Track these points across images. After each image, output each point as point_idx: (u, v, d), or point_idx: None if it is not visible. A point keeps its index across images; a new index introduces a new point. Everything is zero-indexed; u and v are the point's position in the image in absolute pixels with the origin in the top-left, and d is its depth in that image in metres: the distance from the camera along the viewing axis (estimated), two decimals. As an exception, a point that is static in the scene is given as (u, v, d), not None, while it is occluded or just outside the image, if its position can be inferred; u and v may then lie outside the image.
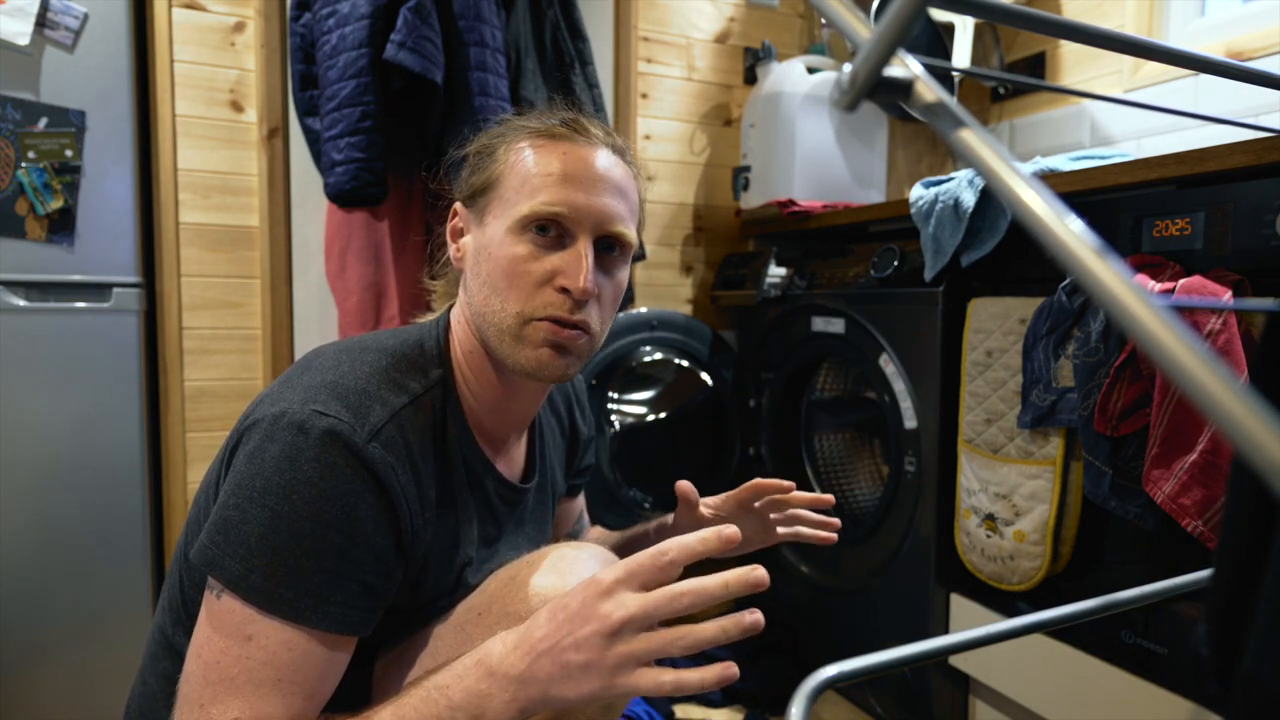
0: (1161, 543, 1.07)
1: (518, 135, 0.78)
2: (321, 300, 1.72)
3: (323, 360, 0.75)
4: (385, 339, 0.79)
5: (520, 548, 0.91)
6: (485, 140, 0.81)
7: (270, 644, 0.65)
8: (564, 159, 0.75)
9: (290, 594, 0.65)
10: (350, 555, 0.67)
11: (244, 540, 0.65)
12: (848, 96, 0.36)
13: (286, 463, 0.65)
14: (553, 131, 0.77)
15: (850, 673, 0.57)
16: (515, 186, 0.75)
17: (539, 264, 0.74)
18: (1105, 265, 0.28)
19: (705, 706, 1.66)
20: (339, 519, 0.66)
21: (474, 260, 0.78)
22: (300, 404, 0.68)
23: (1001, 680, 1.29)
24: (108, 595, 1.49)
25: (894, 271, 1.44)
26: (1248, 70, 0.61)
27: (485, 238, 0.77)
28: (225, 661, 0.65)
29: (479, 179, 0.79)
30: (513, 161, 0.77)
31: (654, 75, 2.00)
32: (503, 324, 0.75)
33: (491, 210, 0.77)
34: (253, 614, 0.65)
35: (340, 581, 0.67)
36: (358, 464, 0.67)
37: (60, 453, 1.45)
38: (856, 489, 1.79)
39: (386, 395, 0.72)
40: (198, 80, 1.61)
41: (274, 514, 0.65)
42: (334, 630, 0.67)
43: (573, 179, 0.75)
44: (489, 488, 0.83)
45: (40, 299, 1.44)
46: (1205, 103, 1.56)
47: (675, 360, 1.87)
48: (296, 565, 0.65)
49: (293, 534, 0.65)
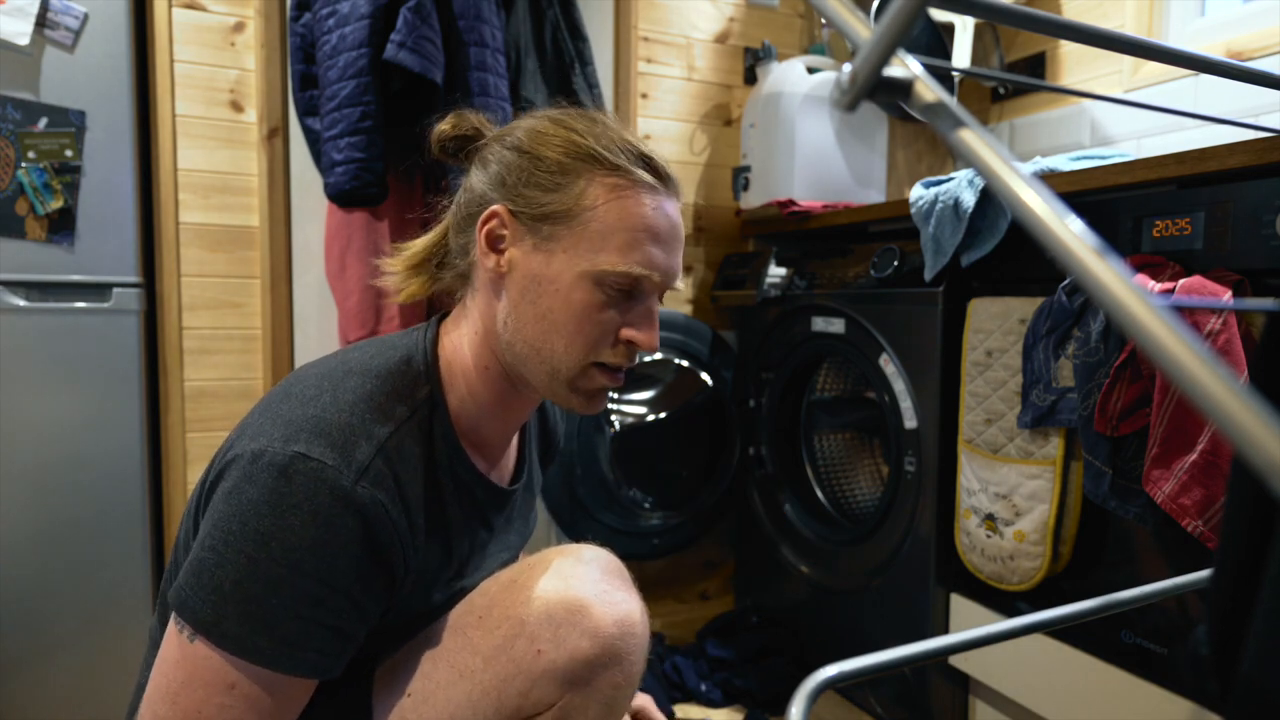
0: (1161, 543, 1.07)
1: (595, 165, 0.73)
2: (321, 300, 1.72)
3: (304, 388, 0.72)
4: (370, 358, 0.76)
5: (510, 545, 0.91)
6: (553, 154, 0.74)
7: (254, 691, 0.64)
8: (654, 216, 0.74)
9: (264, 642, 0.63)
10: (327, 604, 0.65)
11: (217, 586, 0.63)
12: (848, 96, 0.36)
13: (267, 508, 0.64)
14: (636, 175, 0.74)
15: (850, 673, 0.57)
16: (602, 232, 0.72)
17: (610, 315, 0.74)
18: (1105, 265, 0.28)
19: (705, 706, 1.66)
20: (317, 567, 0.64)
21: (529, 287, 0.74)
22: (282, 443, 0.66)
23: (1001, 680, 1.29)
24: (108, 595, 1.49)
25: (894, 271, 1.44)
26: (1248, 70, 0.61)
27: (551, 270, 0.73)
28: (207, 710, 0.63)
29: (551, 202, 0.73)
30: (598, 200, 0.72)
31: (654, 75, 2.00)
32: (558, 365, 0.74)
33: (563, 243, 0.72)
34: (232, 661, 0.63)
35: (315, 629, 0.65)
36: (346, 508, 0.65)
37: (60, 453, 1.45)
38: (856, 489, 1.79)
39: (371, 427, 0.70)
40: (198, 80, 1.61)
41: (250, 561, 0.63)
42: (307, 675, 0.66)
43: (659, 240, 0.74)
44: (479, 497, 0.82)
45: (40, 299, 1.44)
46: (1205, 103, 1.56)
47: (675, 360, 1.87)
48: (270, 614, 0.63)
49: (268, 582, 0.63)
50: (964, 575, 1.34)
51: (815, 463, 1.79)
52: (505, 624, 0.76)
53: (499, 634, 0.76)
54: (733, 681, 1.69)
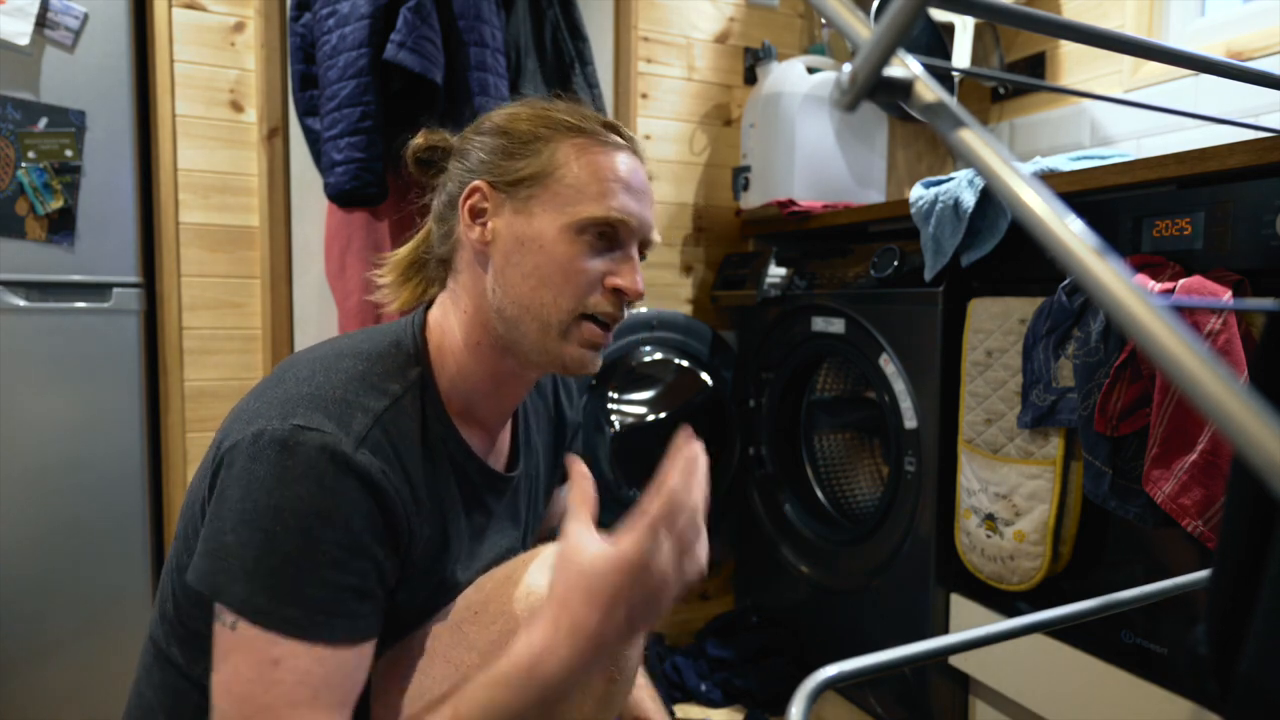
0: (1161, 543, 1.07)
1: (565, 131, 0.78)
2: (321, 300, 1.72)
3: (296, 371, 0.74)
4: (359, 342, 0.78)
5: (511, 536, 0.91)
6: (524, 126, 0.79)
7: (300, 664, 0.64)
8: (624, 168, 0.78)
9: (297, 613, 0.64)
10: (349, 565, 0.66)
11: (242, 565, 0.64)
12: (848, 96, 0.36)
13: (274, 482, 0.65)
14: (603, 137, 0.79)
15: (850, 673, 0.57)
16: (576, 186, 0.76)
17: (594, 264, 0.77)
18: (1105, 265, 0.29)
19: (705, 706, 1.66)
20: (333, 532, 0.65)
21: (514, 250, 0.77)
22: (280, 419, 0.67)
23: (1001, 680, 1.29)
24: (108, 595, 1.49)
25: (894, 271, 1.44)
26: (1248, 70, 0.61)
27: (534, 229, 0.76)
28: (257, 691, 0.63)
29: (523, 167, 0.77)
30: (568, 158, 0.77)
31: (654, 75, 2.00)
32: (550, 317, 0.76)
33: (542, 201, 0.76)
34: (272, 638, 0.64)
35: (341, 593, 0.66)
36: (349, 473, 0.66)
37: (60, 453, 1.45)
38: (856, 489, 1.79)
39: (367, 401, 0.71)
40: (198, 80, 1.61)
41: (267, 535, 0.64)
42: (347, 640, 0.67)
43: (631, 190, 0.78)
44: (475, 479, 0.82)
45: (40, 299, 1.44)
46: (1205, 103, 1.56)
47: (675, 360, 1.87)
48: (296, 585, 0.64)
49: (289, 553, 0.64)
50: (964, 575, 1.34)
51: (815, 463, 1.79)
52: (500, 619, 0.76)
53: (494, 629, 0.76)
54: (733, 681, 1.69)
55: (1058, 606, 0.69)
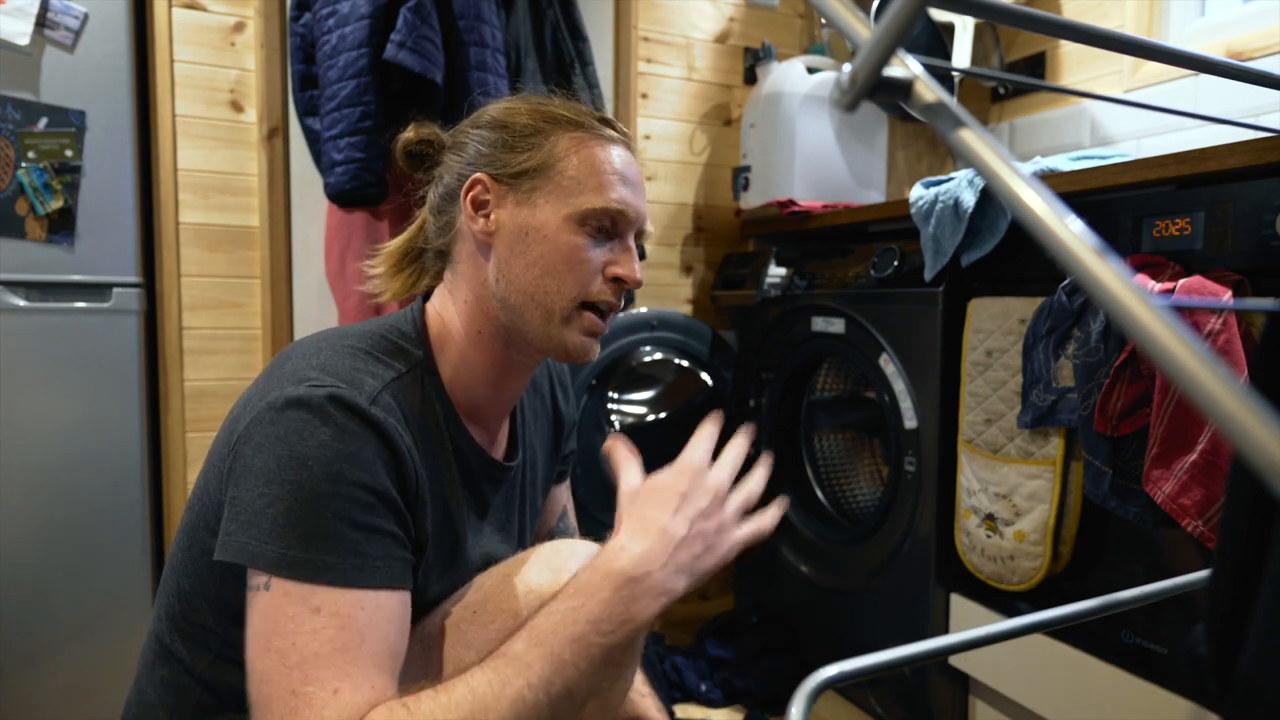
0: (1161, 543, 1.07)
1: (563, 125, 0.81)
2: (321, 300, 1.72)
3: (302, 349, 0.75)
4: (361, 327, 0.80)
5: (509, 530, 0.91)
6: (523, 120, 0.81)
7: (341, 609, 0.64)
8: (619, 161, 0.81)
9: (333, 559, 0.64)
10: (376, 509, 0.67)
11: (273, 521, 0.64)
12: (848, 96, 0.36)
13: (294, 435, 0.66)
14: (599, 131, 0.82)
15: (850, 673, 0.57)
16: (577, 177, 0.78)
17: (596, 254, 0.79)
18: (1105, 265, 0.28)
19: (705, 706, 1.66)
20: (357, 475, 0.66)
21: (518, 240, 0.79)
22: (294, 385, 0.68)
23: (1001, 680, 1.29)
24: (108, 595, 1.49)
25: (894, 271, 1.44)
26: (1248, 70, 0.61)
27: (537, 220, 0.78)
28: (301, 640, 0.62)
29: (524, 160, 0.79)
30: (569, 150, 0.79)
31: (654, 75, 2.00)
32: (554, 305, 0.78)
33: (544, 193, 0.79)
34: (309, 588, 0.63)
35: (374, 537, 0.67)
36: (363, 422, 0.68)
37: (60, 453, 1.45)
38: (856, 489, 1.79)
39: (375, 369, 0.73)
40: (198, 80, 1.61)
41: (294, 485, 0.64)
42: (386, 585, 0.67)
43: (627, 182, 0.81)
44: (474, 465, 0.83)
45: (40, 299, 1.44)
46: (1205, 103, 1.56)
47: (675, 360, 1.87)
48: (329, 529, 0.64)
49: (317, 500, 0.64)
50: (964, 575, 1.34)
51: (815, 463, 1.78)
52: (499, 618, 0.76)
53: (493, 628, 0.76)
54: (733, 681, 1.69)
55: (1058, 606, 0.69)
